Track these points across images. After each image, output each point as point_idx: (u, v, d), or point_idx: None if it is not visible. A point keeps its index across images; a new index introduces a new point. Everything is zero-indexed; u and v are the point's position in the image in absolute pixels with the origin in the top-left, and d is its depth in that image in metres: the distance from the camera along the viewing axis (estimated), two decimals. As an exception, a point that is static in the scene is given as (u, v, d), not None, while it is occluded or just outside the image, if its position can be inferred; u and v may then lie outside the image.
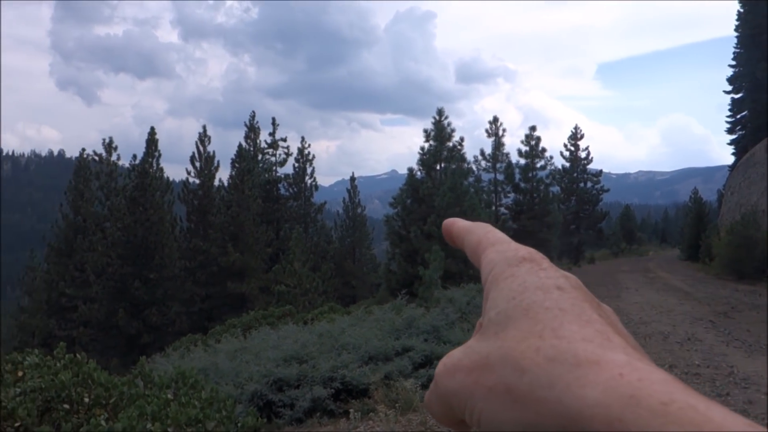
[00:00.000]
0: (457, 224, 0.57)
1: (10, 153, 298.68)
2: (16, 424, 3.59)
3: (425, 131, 27.76)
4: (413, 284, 19.61)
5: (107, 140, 33.68)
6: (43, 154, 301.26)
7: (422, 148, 27.71)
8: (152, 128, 32.64)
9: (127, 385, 4.40)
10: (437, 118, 27.80)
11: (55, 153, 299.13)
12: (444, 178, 25.78)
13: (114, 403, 4.00)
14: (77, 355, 4.64)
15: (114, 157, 33.64)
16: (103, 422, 3.65)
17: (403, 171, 28.63)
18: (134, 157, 31.91)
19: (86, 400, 3.94)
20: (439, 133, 27.41)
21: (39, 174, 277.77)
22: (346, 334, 9.90)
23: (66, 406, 3.86)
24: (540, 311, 0.41)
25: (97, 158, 33.54)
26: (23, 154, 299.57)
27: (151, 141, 32.09)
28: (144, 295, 29.04)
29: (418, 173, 27.45)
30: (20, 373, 4.62)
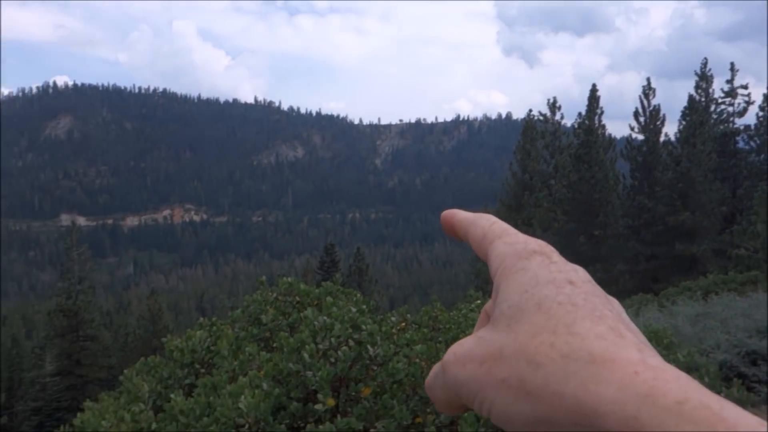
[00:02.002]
0: (458, 215, 0.55)
1: (465, 117, 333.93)
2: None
3: None
4: None
5: (551, 100, 34.75)
6: (493, 117, 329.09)
7: None
8: (593, 85, 32.54)
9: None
10: None
11: (503, 115, 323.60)
12: None
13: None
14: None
15: (557, 117, 34.58)
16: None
17: None
18: (579, 115, 32.28)
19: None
20: None
21: (490, 135, 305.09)
22: None
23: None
24: (553, 306, 0.40)
25: (542, 118, 34.89)
26: (476, 119, 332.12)
27: (593, 98, 32.05)
28: (588, 251, 29.45)
29: None
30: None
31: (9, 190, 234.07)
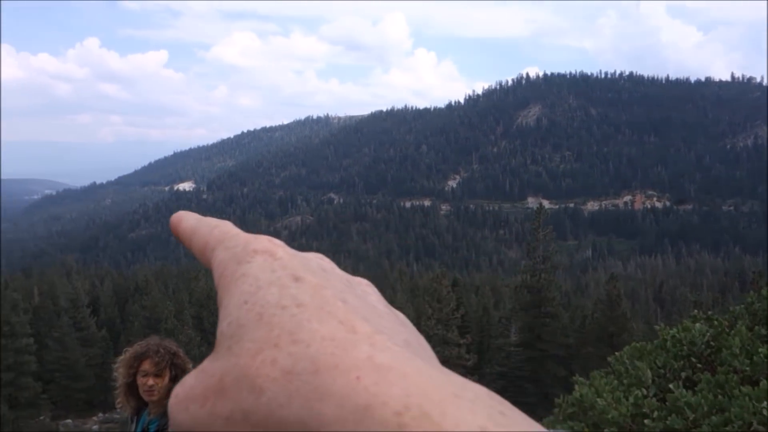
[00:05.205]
0: (183, 223, 0.46)
1: None
2: None
3: None
4: None
5: None
6: None
7: None
8: None
9: None
10: None
11: None
12: None
13: None
14: None
15: None
16: None
17: None
18: None
19: None
20: None
21: None
22: None
23: None
24: (276, 313, 0.34)
25: None
26: None
27: None
28: None
29: None
30: None
31: (485, 174, 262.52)
